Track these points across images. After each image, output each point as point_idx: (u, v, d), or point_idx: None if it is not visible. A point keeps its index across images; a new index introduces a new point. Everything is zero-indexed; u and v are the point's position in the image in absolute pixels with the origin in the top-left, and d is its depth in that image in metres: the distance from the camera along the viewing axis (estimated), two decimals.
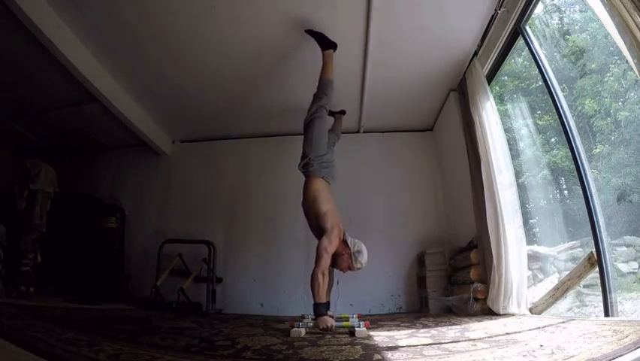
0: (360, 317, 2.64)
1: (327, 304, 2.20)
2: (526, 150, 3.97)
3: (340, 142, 4.38)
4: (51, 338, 1.39)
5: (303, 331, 1.96)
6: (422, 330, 2.01)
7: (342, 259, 2.34)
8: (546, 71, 2.39)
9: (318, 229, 2.37)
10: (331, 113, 3.25)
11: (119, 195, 4.35)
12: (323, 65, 2.75)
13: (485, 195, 2.74)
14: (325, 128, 2.70)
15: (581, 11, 3.22)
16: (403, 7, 2.64)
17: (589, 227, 2.04)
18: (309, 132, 2.61)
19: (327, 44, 2.75)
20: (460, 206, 3.46)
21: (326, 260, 2.21)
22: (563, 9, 3.38)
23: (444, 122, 4.00)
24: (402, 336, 1.79)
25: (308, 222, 2.54)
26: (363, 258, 2.34)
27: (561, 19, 3.34)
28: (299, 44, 3.00)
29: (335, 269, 2.51)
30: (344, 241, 2.36)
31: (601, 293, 1.95)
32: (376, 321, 2.65)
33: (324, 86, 2.71)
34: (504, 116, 3.68)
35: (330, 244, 2.25)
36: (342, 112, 3.59)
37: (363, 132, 4.40)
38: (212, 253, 3.80)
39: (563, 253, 3.33)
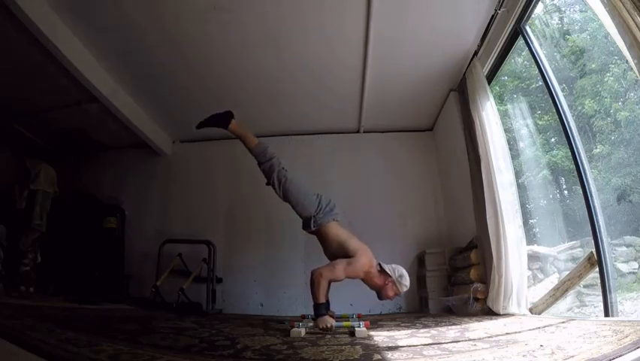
0: (360, 317, 2.64)
1: (327, 304, 2.21)
2: (526, 150, 3.97)
3: (340, 142, 4.41)
4: (51, 338, 1.39)
5: (303, 331, 1.96)
6: (422, 330, 2.01)
7: (387, 289, 2.30)
8: (546, 71, 2.39)
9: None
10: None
11: (119, 195, 4.35)
12: (240, 138, 2.55)
13: (485, 195, 2.74)
14: (298, 182, 2.49)
15: (581, 11, 3.22)
16: (402, 7, 2.64)
17: (589, 227, 2.04)
18: (291, 200, 2.45)
19: (224, 120, 2.53)
20: (460, 206, 3.46)
21: (337, 273, 2.21)
22: (563, 9, 3.38)
23: (444, 122, 4.00)
24: (402, 336, 1.79)
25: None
26: (407, 280, 2.32)
27: (561, 19, 3.34)
28: (299, 43, 3.00)
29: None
30: (381, 271, 2.32)
31: (601, 293, 1.95)
32: (376, 321, 2.65)
33: (261, 154, 2.52)
34: (504, 116, 3.68)
35: (349, 266, 2.22)
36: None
37: (363, 132, 4.39)
38: (212, 253, 3.80)
39: (563, 253, 3.33)
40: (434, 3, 2.63)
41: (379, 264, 2.34)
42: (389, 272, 2.30)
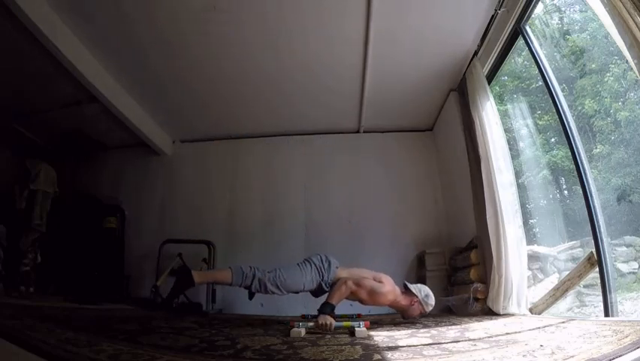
0: (360, 317, 2.64)
1: (333, 307, 2.22)
2: (526, 150, 3.98)
3: (340, 142, 4.41)
4: (51, 338, 1.39)
5: (303, 331, 1.96)
6: (422, 330, 2.01)
7: (413, 309, 2.33)
8: (546, 71, 2.39)
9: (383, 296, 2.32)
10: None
11: (119, 195, 4.35)
12: (216, 283, 2.69)
13: (485, 195, 2.74)
14: (287, 270, 2.39)
15: (581, 11, 3.22)
16: (402, 6, 2.64)
17: (589, 227, 2.04)
18: (296, 288, 2.38)
19: (187, 281, 2.32)
20: (460, 206, 3.46)
21: (360, 292, 2.24)
22: (563, 9, 3.39)
23: (444, 122, 4.00)
24: (402, 336, 1.79)
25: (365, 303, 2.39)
26: (432, 299, 2.35)
27: (561, 19, 3.34)
28: (299, 43, 3.00)
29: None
30: (406, 292, 2.34)
31: (601, 293, 1.95)
32: (376, 321, 2.64)
33: (243, 280, 2.31)
34: (504, 116, 3.68)
35: (373, 289, 2.25)
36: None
37: (363, 132, 4.40)
38: (212, 253, 3.80)
39: (563, 253, 3.33)
40: (434, 3, 2.63)
41: (405, 284, 2.36)
42: (415, 292, 2.32)
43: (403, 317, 2.40)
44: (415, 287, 2.34)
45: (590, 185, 2.07)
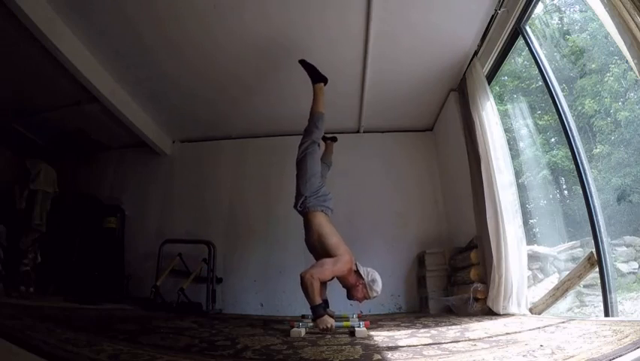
0: (360, 317, 2.64)
1: (325, 303, 2.20)
2: (526, 150, 3.97)
3: (340, 142, 4.38)
4: (51, 338, 1.39)
5: (303, 331, 1.96)
6: (422, 330, 2.01)
7: (357, 290, 2.31)
8: (546, 71, 2.39)
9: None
10: (322, 139, 2.90)
11: (119, 195, 4.35)
12: (314, 97, 2.71)
13: (485, 195, 2.74)
14: (318, 162, 2.60)
15: (581, 11, 3.22)
16: (402, 7, 2.64)
17: (589, 227, 2.04)
18: (302, 169, 2.52)
19: (317, 78, 2.75)
20: (460, 206, 3.46)
21: (325, 274, 2.20)
22: (563, 9, 3.38)
23: (444, 122, 4.00)
24: (402, 336, 1.79)
25: (315, 258, 2.44)
26: (379, 286, 2.32)
27: (561, 19, 3.34)
28: (300, 43, 3.00)
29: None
30: (356, 272, 2.32)
31: (601, 293, 1.95)
32: (376, 321, 2.65)
33: (315, 120, 2.65)
34: (504, 116, 3.68)
35: (335, 266, 2.22)
36: (334, 139, 3.28)
37: (363, 132, 4.40)
38: (212, 253, 3.80)
39: (563, 253, 3.33)
40: (434, 3, 2.63)
41: (356, 264, 2.34)
42: (362, 274, 2.30)
43: (348, 297, 2.37)
44: (364, 270, 2.32)
45: (590, 185, 2.07)
